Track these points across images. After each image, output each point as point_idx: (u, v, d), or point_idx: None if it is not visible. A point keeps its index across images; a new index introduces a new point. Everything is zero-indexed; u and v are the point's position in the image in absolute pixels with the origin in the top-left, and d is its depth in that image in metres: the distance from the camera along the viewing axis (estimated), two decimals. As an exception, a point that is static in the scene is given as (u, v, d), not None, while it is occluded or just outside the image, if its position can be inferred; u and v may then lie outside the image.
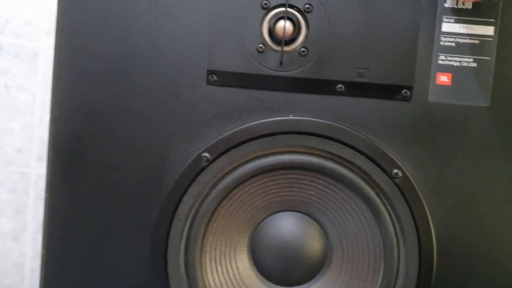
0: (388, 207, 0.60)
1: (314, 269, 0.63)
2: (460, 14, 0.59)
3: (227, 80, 0.60)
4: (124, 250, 0.62)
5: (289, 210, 0.64)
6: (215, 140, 0.60)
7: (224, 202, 0.62)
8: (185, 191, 0.60)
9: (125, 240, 0.62)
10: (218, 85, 0.60)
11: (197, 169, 0.60)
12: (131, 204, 0.62)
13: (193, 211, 0.61)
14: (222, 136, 0.60)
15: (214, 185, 0.61)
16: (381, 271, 0.61)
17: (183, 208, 0.61)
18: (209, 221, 0.61)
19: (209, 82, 0.60)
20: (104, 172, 0.62)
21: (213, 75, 0.60)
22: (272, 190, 0.62)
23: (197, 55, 0.60)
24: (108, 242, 0.62)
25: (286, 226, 0.64)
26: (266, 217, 0.64)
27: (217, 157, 0.60)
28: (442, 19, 0.59)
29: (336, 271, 0.63)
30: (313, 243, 0.63)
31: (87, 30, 0.60)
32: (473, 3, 0.59)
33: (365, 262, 0.62)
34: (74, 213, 0.62)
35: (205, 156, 0.60)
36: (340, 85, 0.60)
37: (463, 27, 0.59)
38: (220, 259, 0.63)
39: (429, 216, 0.60)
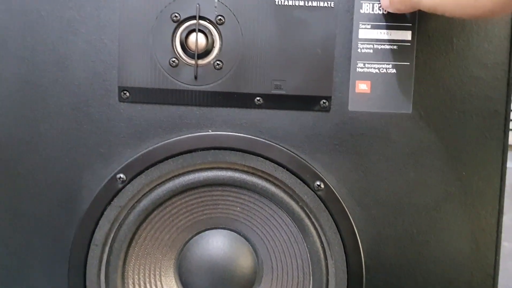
0: (314, 220, 0.58)
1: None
2: (376, 20, 0.58)
3: (141, 96, 0.58)
4: (41, 282, 0.59)
5: (216, 228, 0.62)
6: (130, 160, 0.57)
7: (144, 225, 0.59)
8: (101, 215, 0.57)
9: (41, 271, 0.59)
10: (131, 102, 0.58)
11: (113, 191, 0.57)
12: (46, 233, 0.59)
13: (111, 236, 0.58)
14: (138, 155, 0.57)
15: (132, 207, 0.58)
16: (310, 286, 0.59)
17: (99, 234, 0.58)
18: (129, 246, 0.58)
19: (121, 100, 0.58)
20: (15, 200, 0.58)
21: (125, 92, 0.57)
22: (196, 209, 0.60)
23: (108, 72, 0.57)
24: (23, 274, 0.59)
25: (214, 244, 0.61)
26: (192, 236, 0.62)
27: (134, 177, 0.57)
28: (358, 25, 0.58)
29: (266, 288, 0.61)
30: (243, 261, 0.61)
31: (-10, 50, 0.57)
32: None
33: (294, 278, 0.60)
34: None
35: (121, 178, 0.57)
36: (258, 98, 0.58)
37: (380, 33, 0.58)
38: (145, 284, 0.60)
39: (355, 228, 0.58)
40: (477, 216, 0.60)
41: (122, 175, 0.57)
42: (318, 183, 0.57)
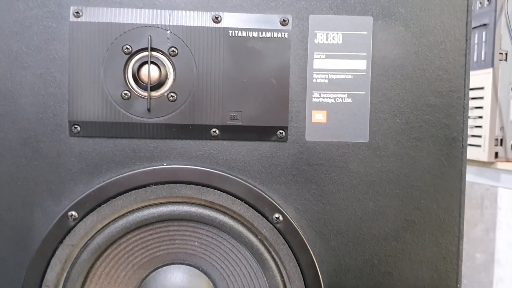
0: (273, 254, 0.57)
1: (204, 325, 0.59)
2: (331, 50, 0.58)
3: (92, 130, 0.56)
4: (-12, 326, 0.56)
5: (173, 264, 0.60)
6: (81, 197, 0.56)
7: (98, 263, 0.57)
8: (52, 254, 0.55)
9: (-12, 315, 0.56)
10: (82, 136, 0.56)
11: (64, 229, 0.55)
12: (-7, 274, 0.56)
13: (64, 276, 0.56)
14: (89, 191, 0.56)
15: (85, 246, 0.56)
16: (272, 322, 0.57)
17: (51, 274, 0.55)
18: (83, 286, 0.56)
19: (72, 134, 0.56)
20: (-40, 240, 0.56)
21: (76, 126, 0.56)
22: (152, 245, 0.58)
23: (58, 106, 0.56)
24: (-32, 318, 0.56)
25: (172, 281, 0.59)
26: (149, 273, 0.60)
27: (86, 215, 0.56)
28: (313, 55, 0.57)
29: (227, 325, 0.59)
30: (202, 297, 0.59)
31: None
32: (343, 38, 0.57)
33: (255, 313, 0.58)
34: None
35: (72, 215, 0.55)
36: (214, 129, 0.57)
37: (335, 62, 0.58)
38: (100, 324, 0.58)
39: (315, 261, 0.57)
40: (437, 244, 0.59)
41: (73, 213, 0.55)
42: (276, 215, 0.56)
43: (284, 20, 0.57)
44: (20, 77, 0.55)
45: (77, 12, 0.55)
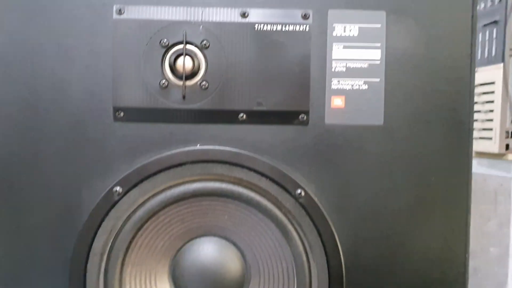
0: (296, 226, 0.63)
1: (234, 291, 0.66)
2: (348, 41, 0.63)
3: (134, 115, 0.63)
4: (43, 290, 0.63)
5: (206, 236, 0.66)
6: (125, 174, 0.62)
7: (139, 234, 0.63)
8: (99, 226, 0.62)
9: (43, 280, 0.63)
10: (125, 121, 0.63)
11: (109, 203, 0.62)
12: (47, 244, 0.63)
13: (109, 245, 0.62)
14: (132, 169, 0.62)
15: (128, 218, 0.62)
16: (295, 287, 0.63)
17: (98, 244, 0.62)
18: (125, 254, 0.63)
19: (116, 119, 0.63)
20: (17, 215, 0.63)
21: (119, 112, 0.62)
22: (187, 218, 0.65)
23: (103, 94, 0.62)
24: (26, 284, 0.63)
25: (204, 251, 0.66)
26: (184, 244, 0.66)
27: (129, 190, 0.62)
28: (332, 46, 0.63)
29: (254, 291, 0.65)
30: (231, 265, 0.66)
31: (-7, 76, 0.62)
32: (359, 30, 0.63)
33: (280, 280, 0.65)
34: (-10, 257, 0.63)
35: (117, 190, 0.62)
36: (241, 114, 0.63)
37: (352, 52, 0.63)
38: (141, 289, 0.65)
39: (334, 232, 0.63)
40: (446, 218, 0.65)
41: (118, 188, 0.62)
42: (299, 191, 0.62)
43: (305, 15, 0.62)
44: (69, 69, 0.62)
45: (120, 10, 0.62)
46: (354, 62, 0.63)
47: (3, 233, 0.63)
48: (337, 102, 0.63)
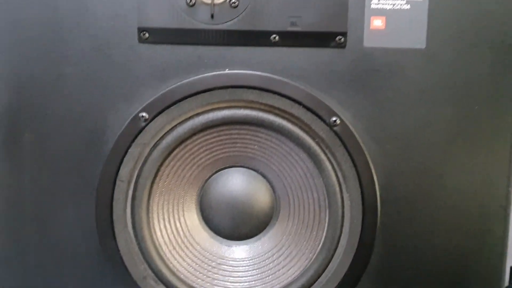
0: (329, 155, 0.60)
1: (263, 222, 0.64)
2: (391, -45, 0.58)
3: (159, 37, 0.59)
4: (70, 218, 0.62)
5: (235, 166, 0.64)
6: (151, 99, 0.60)
7: (167, 162, 0.61)
8: (126, 152, 0.60)
9: (69, 208, 0.62)
10: (150, 43, 0.59)
11: (136, 130, 0.60)
12: (73, 171, 0.61)
13: (136, 172, 0.61)
14: (159, 94, 0.59)
15: (155, 145, 0.60)
16: (327, 219, 0.61)
17: (124, 170, 0.60)
18: (153, 182, 0.61)
19: (141, 40, 0.59)
20: (42, 140, 0.61)
21: (144, 33, 0.59)
22: (215, 147, 0.62)
23: (127, 14, 0.59)
24: (52, 211, 0.62)
25: (233, 181, 0.64)
26: (212, 174, 0.64)
27: (155, 116, 0.60)
28: (373, -39, 0.58)
29: (284, 222, 0.63)
30: (260, 197, 0.64)
31: (12, -6, 0.59)
32: None
33: (311, 211, 0.62)
34: (15, 186, 0.62)
35: (143, 116, 0.59)
36: (273, 36, 0.59)
37: (395, -32, 0.58)
38: (169, 218, 0.63)
39: (370, 163, 0.60)
40: (489, 150, 0.61)
41: (144, 114, 0.59)
42: (334, 119, 0.59)
43: None
44: (92, -14, 0.58)
45: None
46: (396, -21, 0.58)
47: (28, 160, 0.61)
48: (377, 23, 0.59)
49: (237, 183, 0.64)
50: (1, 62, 0.60)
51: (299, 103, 0.59)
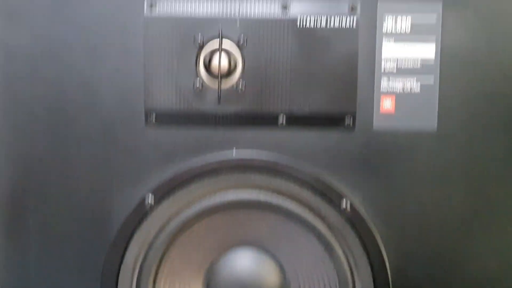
0: (340, 241, 0.58)
1: (272, 306, 0.61)
2: (399, 38, 0.57)
3: (166, 119, 0.59)
4: (73, 301, 0.61)
5: (243, 247, 0.62)
6: (157, 183, 0.59)
7: (172, 246, 0.60)
8: (130, 237, 0.59)
9: (73, 291, 0.61)
10: (157, 125, 0.59)
11: (141, 214, 0.59)
12: (77, 254, 0.60)
13: (141, 257, 0.59)
14: (165, 178, 0.58)
15: (161, 229, 0.59)
16: (338, 305, 0.59)
17: (129, 256, 0.59)
18: (158, 267, 0.59)
19: (148, 123, 0.59)
20: (47, 223, 0.60)
21: (151, 115, 0.59)
22: (222, 229, 0.61)
23: (134, 96, 0.59)
24: (56, 293, 0.61)
25: (241, 263, 0.62)
26: (219, 256, 0.62)
27: (161, 200, 0.59)
28: (382, 42, 0.57)
29: (294, 307, 0.61)
30: (270, 280, 0.61)
31: (18, 76, 0.59)
32: (412, 23, 0.57)
33: (321, 297, 0.60)
34: (20, 268, 0.61)
35: (149, 201, 0.58)
36: (281, 118, 0.58)
37: (403, 51, 0.57)
38: (175, 303, 0.61)
39: (382, 248, 0.58)
40: (505, 234, 0.59)
41: (150, 198, 0.58)
42: (344, 203, 0.57)
43: (352, 7, 0.57)
44: (99, 70, 0.58)
45: (151, 6, 0.57)
46: (405, 60, 0.57)
47: (33, 242, 0.60)
48: (387, 105, 0.58)
49: (245, 265, 0.62)
50: (7, 143, 0.60)
51: (308, 186, 0.58)
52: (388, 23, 0.57)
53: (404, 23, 0.57)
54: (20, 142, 0.59)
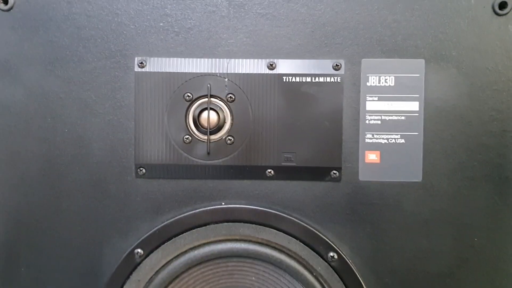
0: (328, 290, 0.59)
1: None
2: (383, 92, 0.59)
3: (156, 172, 0.60)
4: None
5: (232, 297, 0.63)
6: (147, 235, 0.59)
7: (162, 296, 0.60)
8: (120, 289, 0.59)
9: None
10: (147, 178, 0.60)
11: (131, 266, 0.59)
12: (67, 306, 0.60)
13: (130, 309, 0.59)
14: (154, 230, 0.59)
15: (150, 280, 0.59)
16: None
17: (119, 307, 0.59)
18: (148, 318, 0.60)
19: (138, 176, 0.60)
20: (39, 274, 0.60)
21: (141, 169, 0.60)
22: (212, 279, 0.61)
23: (125, 150, 0.60)
24: None
25: (230, 313, 0.62)
26: (209, 305, 0.63)
27: (150, 252, 0.59)
28: (365, 98, 0.59)
29: None
30: (259, 329, 0.62)
31: (12, 130, 0.60)
32: (395, 80, 0.59)
33: None
34: (9, 319, 0.61)
35: (138, 252, 0.59)
36: (269, 170, 0.59)
37: (388, 104, 0.59)
38: None
39: (369, 298, 0.58)
40: (491, 282, 0.59)
41: (139, 250, 0.59)
42: (331, 254, 0.58)
43: (336, 65, 0.58)
44: (90, 124, 0.60)
45: (141, 63, 0.59)
46: (390, 115, 0.59)
47: (22, 293, 0.60)
48: (372, 157, 0.59)
49: (234, 314, 0.62)
50: (-1, 194, 0.60)
51: (296, 237, 0.59)
52: (372, 80, 0.59)
53: (388, 80, 0.59)
54: (13, 194, 0.60)
